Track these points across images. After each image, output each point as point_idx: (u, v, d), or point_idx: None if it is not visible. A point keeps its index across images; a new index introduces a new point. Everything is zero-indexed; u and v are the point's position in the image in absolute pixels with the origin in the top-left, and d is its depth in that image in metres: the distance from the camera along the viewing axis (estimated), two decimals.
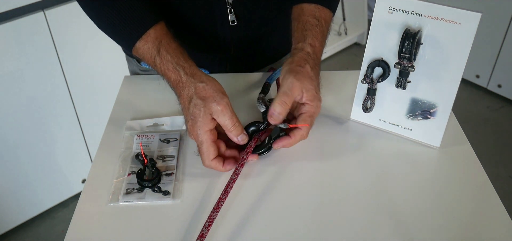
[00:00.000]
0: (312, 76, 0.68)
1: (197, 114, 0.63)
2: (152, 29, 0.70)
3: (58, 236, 1.70)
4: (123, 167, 0.67)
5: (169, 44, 0.69)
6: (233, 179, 0.62)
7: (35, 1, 1.38)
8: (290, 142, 0.67)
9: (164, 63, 0.68)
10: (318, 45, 0.73)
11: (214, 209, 0.58)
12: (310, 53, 0.71)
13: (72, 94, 1.58)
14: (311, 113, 0.67)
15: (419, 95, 0.69)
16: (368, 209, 0.61)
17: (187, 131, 0.66)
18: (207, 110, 0.63)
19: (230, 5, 0.80)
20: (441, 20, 0.63)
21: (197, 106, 0.64)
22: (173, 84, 0.68)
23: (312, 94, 0.66)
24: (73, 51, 1.52)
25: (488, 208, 0.61)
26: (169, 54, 0.68)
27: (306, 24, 0.75)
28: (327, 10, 0.78)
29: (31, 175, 1.61)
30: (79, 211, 0.61)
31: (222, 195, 0.60)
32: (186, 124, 0.66)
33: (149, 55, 0.69)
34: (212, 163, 0.64)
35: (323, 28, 0.76)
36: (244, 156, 0.65)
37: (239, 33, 0.85)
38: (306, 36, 0.73)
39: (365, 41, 2.53)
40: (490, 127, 2.24)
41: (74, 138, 1.67)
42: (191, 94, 0.65)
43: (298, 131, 0.67)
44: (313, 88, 0.67)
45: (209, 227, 0.56)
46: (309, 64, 0.69)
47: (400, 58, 0.67)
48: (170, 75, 0.68)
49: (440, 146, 0.71)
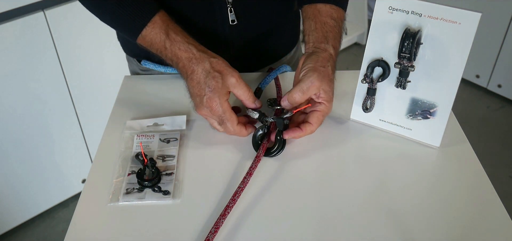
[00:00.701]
0: (332, 78, 0.71)
1: (216, 85, 0.67)
2: (157, 16, 0.72)
3: (58, 236, 1.70)
4: (123, 167, 0.67)
5: (175, 27, 0.72)
6: (241, 188, 0.62)
7: (35, 1, 1.38)
8: (300, 134, 0.69)
9: (175, 44, 0.70)
10: (338, 47, 0.76)
11: (221, 216, 0.58)
12: (332, 55, 0.73)
13: (72, 94, 1.59)
14: (324, 113, 0.70)
15: (419, 95, 0.69)
16: (368, 209, 0.61)
17: (199, 106, 0.69)
18: (225, 82, 0.67)
19: (230, 5, 0.80)
20: (441, 20, 0.63)
21: (216, 78, 0.67)
22: (184, 62, 0.70)
23: (329, 96, 0.69)
24: (73, 51, 1.52)
25: (488, 208, 0.61)
26: (178, 35, 0.71)
27: (325, 25, 0.76)
28: (341, 10, 0.80)
29: (31, 175, 1.61)
30: (79, 211, 0.61)
31: (229, 203, 0.59)
32: (198, 98, 0.68)
33: (158, 39, 0.71)
34: (237, 128, 0.68)
35: (340, 29, 0.78)
36: (253, 165, 0.65)
37: (239, 32, 0.85)
38: (328, 37, 0.75)
39: (365, 41, 2.53)
40: (490, 127, 2.24)
41: (74, 138, 1.67)
42: (208, 68, 0.68)
43: (309, 126, 0.69)
44: (330, 90, 0.69)
45: (215, 234, 0.56)
46: (331, 66, 0.72)
47: (400, 58, 0.67)
48: (182, 54, 0.70)
49: (440, 146, 0.71)
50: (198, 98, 0.68)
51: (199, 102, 0.68)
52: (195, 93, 0.69)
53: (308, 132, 0.69)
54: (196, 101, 0.69)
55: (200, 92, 0.68)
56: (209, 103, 0.67)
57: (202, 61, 0.69)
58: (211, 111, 0.68)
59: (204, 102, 0.67)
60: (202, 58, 0.69)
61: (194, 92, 0.69)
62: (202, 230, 0.58)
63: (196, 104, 0.70)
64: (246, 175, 0.63)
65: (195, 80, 0.68)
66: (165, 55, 0.72)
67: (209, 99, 0.67)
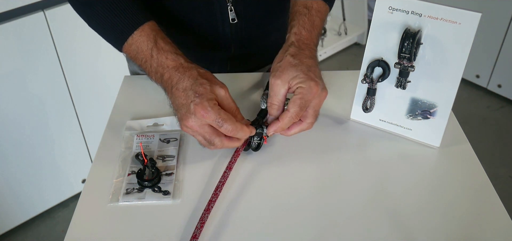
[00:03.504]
0: (295, 63, 0.66)
1: (204, 91, 0.61)
2: (146, 24, 0.69)
3: (58, 236, 1.70)
4: (123, 167, 0.67)
5: (164, 37, 0.69)
6: (222, 182, 0.62)
7: (35, 1, 1.38)
8: (281, 126, 0.65)
9: (162, 53, 0.66)
10: (305, 33, 0.72)
11: (205, 211, 0.58)
12: (294, 41, 0.70)
13: (72, 94, 1.59)
14: (301, 96, 0.64)
15: (419, 95, 0.69)
16: (368, 209, 0.61)
17: (185, 117, 0.62)
18: (213, 90, 0.62)
19: (230, 3, 0.81)
20: (441, 20, 0.63)
21: (203, 84, 0.62)
22: (171, 72, 0.65)
23: (299, 79, 0.64)
24: (73, 51, 1.52)
25: (488, 208, 0.61)
26: (167, 45, 0.68)
27: (295, 14, 0.74)
28: (321, 1, 0.76)
29: (31, 175, 1.61)
30: (79, 211, 0.61)
31: (212, 197, 0.60)
32: (184, 108, 0.62)
33: (145, 47, 0.67)
34: (239, 125, 0.62)
35: (312, 16, 0.73)
36: (232, 159, 0.65)
37: (240, 31, 0.85)
38: (292, 26, 0.72)
39: (365, 41, 2.53)
40: (490, 127, 2.24)
41: (74, 138, 1.67)
42: (195, 75, 0.63)
43: (286, 113, 0.64)
44: (298, 73, 0.64)
45: (201, 229, 0.57)
46: (290, 53, 0.68)
47: (400, 58, 0.67)
48: (169, 63, 0.66)
49: (440, 146, 0.71)
50: (184, 107, 0.62)
51: (185, 112, 0.61)
52: (180, 103, 0.63)
53: (286, 120, 0.64)
54: (181, 112, 0.62)
55: (187, 100, 0.61)
56: (198, 110, 0.60)
57: (189, 69, 0.64)
58: (202, 118, 0.61)
59: (191, 109, 0.61)
60: (190, 67, 0.65)
61: (180, 102, 0.63)
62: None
63: (181, 116, 0.63)
64: (226, 169, 0.63)
65: (181, 88, 0.63)
66: (150, 64, 0.67)
67: (197, 105, 0.60)
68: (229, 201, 0.62)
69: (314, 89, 0.64)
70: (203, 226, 0.57)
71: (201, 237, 0.56)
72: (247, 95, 0.83)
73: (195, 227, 0.57)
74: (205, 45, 0.88)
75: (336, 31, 2.82)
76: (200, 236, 0.56)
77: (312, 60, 0.68)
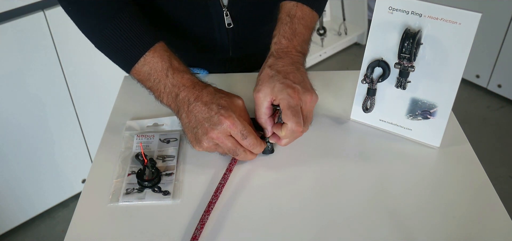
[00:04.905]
0: (272, 74, 0.66)
1: (226, 104, 0.63)
2: (157, 45, 0.68)
3: (58, 236, 1.70)
4: (123, 167, 0.67)
5: (176, 58, 0.69)
6: (222, 183, 0.63)
7: (35, 1, 1.38)
8: (285, 143, 0.66)
9: (178, 73, 0.66)
10: (285, 41, 0.71)
11: (205, 212, 0.58)
12: (272, 52, 0.71)
13: (72, 94, 1.58)
14: (286, 105, 0.63)
15: (419, 95, 0.69)
16: (368, 209, 0.61)
17: (207, 132, 0.62)
18: (233, 102, 0.65)
19: (225, 8, 0.81)
20: (441, 20, 0.63)
21: (223, 97, 0.64)
22: (188, 90, 0.65)
23: (276, 90, 0.64)
24: (73, 51, 1.52)
25: (488, 208, 0.61)
26: (181, 65, 0.68)
27: (277, 23, 0.74)
28: (307, 8, 0.75)
29: (31, 175, 1.61)
30: (79, 211, 0.61)
31: (212, 199, 0.60)
32: (207, 122, 0.62)
33: (159, 67, 0.67)
34: (259, 141, 0.64)
35: (294, 25, 0.73)
36: (232, 161, 0.66)
37: (237, 35, 0.85)
38: (274, 36, 0.73)
39: (365, 41, 2.53)
40: (490, 127, 2.24)
41: (74, 138, 1.67)
42: (212, 91, 0.65)
43: (284, 126, 0.64)
44: (274, 83, 0.64)
45: (201, 230, 0.57)
46: (268, 64, 0.68)
47: (400, 58, 0.67)
48: (185, 82, 0.66)
49: (440, 146, 0.71)
50: (208, 121, 0.62)
51: (209, 125, 0.62)
52: (202, 117, 0.62)
53: (284, 132, 0.64)
54: (204, 126, 0.62)
55: (210, 113, 0.62)
56: (224, 120, 0.61)
57: (206, 87, 0.66)
58: (227, 129, 0.61)
59: (216, 121, 0.61)
60: (206, 85, 0.66)
61: (201, 116, 0.62)
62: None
63: (204, 131, 0.62)
64: (226, 171, 0.64)
65: (202, 103, 0.63)
66: (164, 84, 0.67)
67: (223, 115, 0.61)
68: (229, 202, 0.62)
69: (294, 95, 0.63)
70: (203, 227, 0.57)
71: (201, 238, 0.57)
72: (246, 96, 0.83)
73: (195, 228, 0.57)
74: (203, 49, 0.88)
75: (336, 31, 2.82)
76: (200, 237, 0.56)
77: (292, 66, 0.68)
